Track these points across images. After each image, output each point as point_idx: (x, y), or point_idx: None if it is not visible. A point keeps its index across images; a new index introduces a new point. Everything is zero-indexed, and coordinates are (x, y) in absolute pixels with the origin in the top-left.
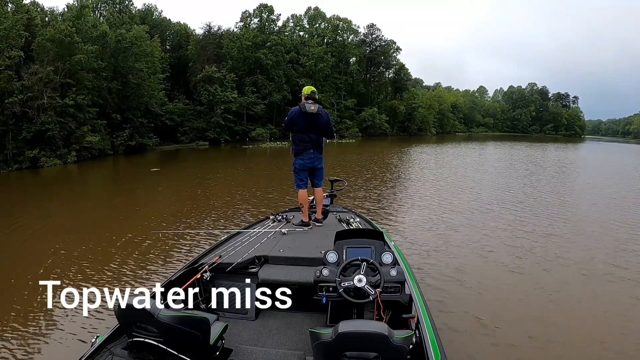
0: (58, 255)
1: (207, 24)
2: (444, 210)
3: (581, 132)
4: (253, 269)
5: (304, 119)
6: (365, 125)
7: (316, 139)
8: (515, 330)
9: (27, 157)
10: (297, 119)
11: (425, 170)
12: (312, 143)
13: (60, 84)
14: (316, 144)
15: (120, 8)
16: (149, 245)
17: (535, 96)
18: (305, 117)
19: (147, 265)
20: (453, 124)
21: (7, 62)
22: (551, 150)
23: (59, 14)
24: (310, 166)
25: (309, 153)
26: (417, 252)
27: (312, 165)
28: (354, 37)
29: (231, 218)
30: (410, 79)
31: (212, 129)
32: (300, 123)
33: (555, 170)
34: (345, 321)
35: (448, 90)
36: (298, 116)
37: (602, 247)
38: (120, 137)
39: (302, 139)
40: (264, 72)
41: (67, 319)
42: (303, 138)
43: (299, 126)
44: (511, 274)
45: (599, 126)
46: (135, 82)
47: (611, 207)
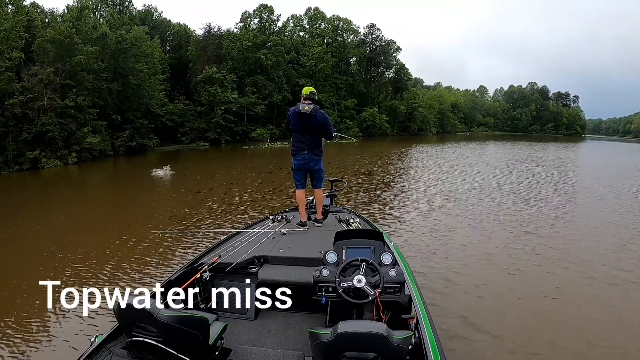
0: (58, 255)
1: (207, 25)
2: (444, 212)
3: (582, 132)
4: (253, 269)
5: (298, 119)
6: (366, 125)
7: (311, 140)
8: (515, 331)
9: (27, 158)
10: (293, 118)
11: (425, 170)
12: (307, 144)
13: (60, 85)
14: (311, 145)
15: (120, 9)
16: (149, 245)
17: (536, 95)
18: (300, 117)
19: (146, 265)
20: (453, 123)
21: (8, 64)
22: (551, 149)
23: (59, 15)
24: (305, 167)
25: (303, 154)
26: (417, 254)
27: (307, 166)
28: (354, 37)
29: (230, 219)
30: (411, 78)
31: (213, 130)
32: (295, 123)
33: (556, 170)
34: (345, 321)
35: (448, 90)
36: (293, 116)
37: (603, 249)
38: (121, 138)
39: (297, 139)
40: (264, 72)
41: (67, 319)
42: (298, 138)
43: (294, 126)
44: (511, 276)
45: (599, 125)
46: (135, 83)
47: (614, 206)
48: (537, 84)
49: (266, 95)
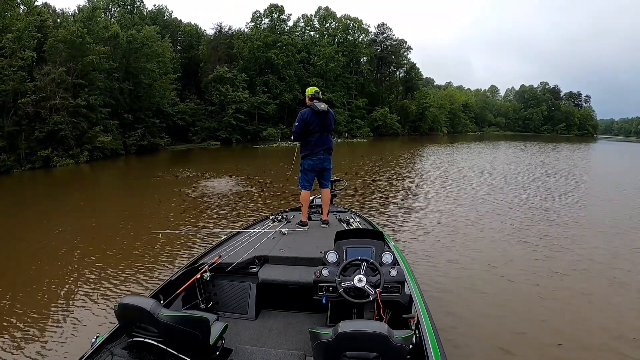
0: (58, 255)
1: (218, 25)
2: (452, 218)
3: (593, 132)
4: (253, 269)
5: (316, 119)
6: (377, 124)
7: (329, 139)
8: (516, 332)
9: (39, 156)
10: (311, 119)
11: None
12: (327, 143)
13: (72, 84)
14: (329, 144)
15: (131, 9)
16: (149, 245)
17: (547, 95)
18: (317, 116)
19: (147, 265)
20: (464, 123)
21: (20, 63)
22: (570, 152)
23: (70, 15)
24: (319, 167)
25: (319, 154)
26: (418, 256)
27: (321, 166)
28: (365, 37)
29: (235, 219)
30: (422, 78)
31: (224, 129)
32: (314, 123)
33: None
34: (345, 321)
35: (459, 90)
36: (311, 116)
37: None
38: (132, 137)
39: (317, 138)
40: (275, 72)
41: (67, 319)
42: (318, 137)
43: (314, 127)
44: (514, 279)
45: (611, 126)
46: (146, 82)
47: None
48: (548, 83)
49: (277, 94)
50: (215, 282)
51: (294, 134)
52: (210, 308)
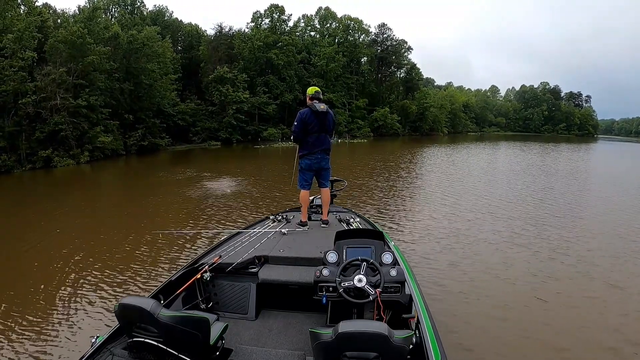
0: (58, 255)
1: (218, 25)
2: (454, 219)
3: (594, 132)
4: (253, 269)
5: (316, 119)
6: (377, 125)
7: (328, 139)
8: (516, 332)
9: (40, 157)
10: (309, 119)
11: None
12: (325, 143)
13: (73, 84)
14: (327, 144)
15: (131, 9)
16: (149, 245)
17: (548, 95)
18: (316, 117)
19: (147, 265)
20: (465, 123)
21: (21, 64)
22: (564, 151)
23: (71, 15)
24: (317, 167)
25: (316, 154)
26: (418, 256)
27: (319, 165)
28: (365, 37)
29: (235, 219)
30: (422, 78)
31: (224, 129)
32: (313, 123)
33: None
34: (345, 321)
35: (460, 90)
36: (310, 117)
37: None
38: (133, 137)
39: (315, 139)
40: (276, 72)
41: (67, 319)
42: (316, 138)
43: (313, 127)
44: (515, 280)
45: (612, 126)
46: (147, 82)
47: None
48: (549, 83)
49: (277, 95)
50: (215, 282)
51: (294, 133)
52: (210, 308)
